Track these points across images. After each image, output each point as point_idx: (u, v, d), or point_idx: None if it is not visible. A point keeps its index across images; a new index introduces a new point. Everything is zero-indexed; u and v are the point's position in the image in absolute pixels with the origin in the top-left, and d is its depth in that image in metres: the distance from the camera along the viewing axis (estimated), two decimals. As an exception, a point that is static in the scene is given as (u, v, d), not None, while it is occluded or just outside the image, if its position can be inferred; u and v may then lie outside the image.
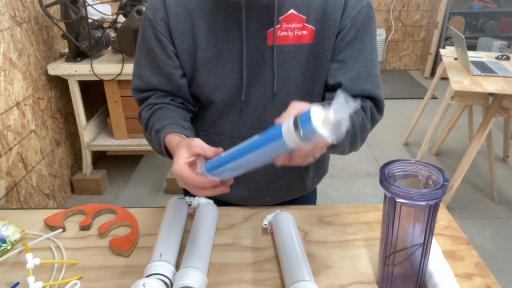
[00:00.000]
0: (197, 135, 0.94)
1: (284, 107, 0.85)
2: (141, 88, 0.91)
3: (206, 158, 0.67)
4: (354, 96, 0.83)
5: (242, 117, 0.88)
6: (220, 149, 0.66)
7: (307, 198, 1.08)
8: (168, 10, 0.83)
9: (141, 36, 0.88)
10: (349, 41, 0.83)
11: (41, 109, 2.18)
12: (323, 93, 0.88)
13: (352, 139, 0.81)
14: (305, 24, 0.82)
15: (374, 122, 0.87)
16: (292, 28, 0.82)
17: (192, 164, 0.67)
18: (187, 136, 0.78)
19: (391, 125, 3.42)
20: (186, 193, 1.09)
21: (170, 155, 0.79)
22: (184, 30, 0.84)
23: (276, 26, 0.81)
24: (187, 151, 0.67)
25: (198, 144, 0.67)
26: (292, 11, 0.81)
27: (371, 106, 0.85)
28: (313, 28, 0.82)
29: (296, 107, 0.62)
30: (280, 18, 0.81)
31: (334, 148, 0.80)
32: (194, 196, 0.93)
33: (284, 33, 0.82)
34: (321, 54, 0.84)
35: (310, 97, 0.87)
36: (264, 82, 0.85)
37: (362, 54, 0.83)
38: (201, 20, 0.83)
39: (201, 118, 0.94)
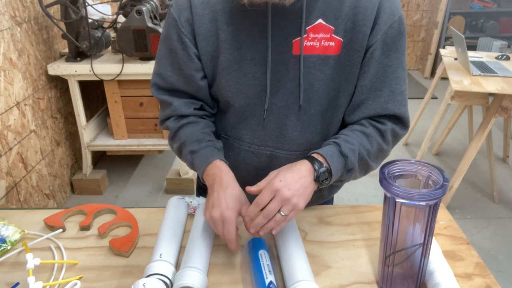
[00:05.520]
0: (217, 137, 0.94)
1: (305, 117, 0.85)
2: (161, 86, 0.90)
3: None
4: (376, 116, 0.83)
5: (262, 125, 0.87)
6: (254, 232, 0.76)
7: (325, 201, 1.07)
8: (193, 12, 0.81)
9: (165, 33, 0.86)
10: (377, 58, 0.80)
11: (41, 109, 2.18)
12: (347, 106, 0.87)
13: (362, 169, 0.83)
14: (333, 35, 0.79)
15: (396, 139, 0.86)
16: (319, 39, 0.79)
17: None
18: (225, 162, 0.83)
19: (391, 125, 3.41)
20: (200, 193, 1.08)
21: (201, 174, 0.85)
22: (208, 32, 0.82)
23: (303, 36, 0.79)
24: (240, 205, 0.76)
25: (250, 216, 0.75)
26: (320, 20, 0.78)
27: (393, 128, 0.83)
28: (341, 39, 0.79)
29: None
30: (307, 28, 0.78)
31: (344, 181, 0.84)
32: (194, 196, 0.94)
33: (311, 43, 0.79)
34: (347, 66, 0.81)
35: (333, 108, 0.85)
36: (287, 91, 0.83)
37: (387, 72, 0.81)
38: (226, 24, 0.81)
39: (221, 120, 0.93)
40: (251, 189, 0.74)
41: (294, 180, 0.72)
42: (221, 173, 0.79)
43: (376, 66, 0.80)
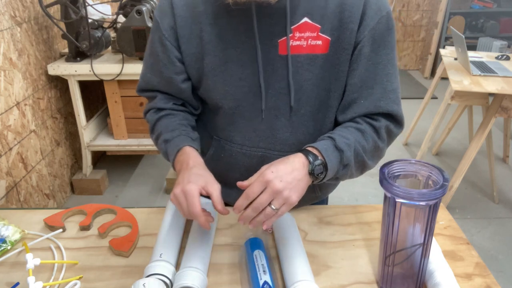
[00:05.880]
0: (209, 139, 0.94)
1: (296, 118, 0.84)
2: (144, 88, 0.92)
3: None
4: (369, 114, 0.82)
5: (252, 126, 0.86)
6: (228, 211, 0.72)
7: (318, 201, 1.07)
8: (175, 14, 0.81)
9: (150, 36, 0.88)
10: (366, 54, 0.78)
11: (41, 109, 2.18)
12: (338, 105, 0.85)
13: (359, 166, 0.81)
14: (320, 34, 0.78)
15: (391, 137, 0.84)
16: (306, 38, 0.78)
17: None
18: (196, 149, 0.82)
19: (391, 125, 3.41)
20: None
21: (172, 162, 0.83)
22: (191, 34, 0.82)
23: (289, 35, 0.78)
24: (204, 183, 0.72)
25: (217, 193, 0.72)
26: (305, 19, 0.77)
27: (387, 125, 0.82)
28: (328, 38, 0.78)
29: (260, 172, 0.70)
30: (292, 27, 0.77)
31: (340, 179, 0.81)
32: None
33: (297, 42, 0.78)
34: (336, 65, 0.80)
35: (325, 109, 0.85)
36: (275, 92, 0.82)
37: (377, 69, 0.79)
38: (210, 25, 0.80)
39: (211, 121, 0.93)
40: (243, 183, 0.71)
41: (286, 172, 0.69)
42: (188, 158, 0.78)
43: (365, 63, 0.79)
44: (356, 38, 0.78)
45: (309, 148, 0.75)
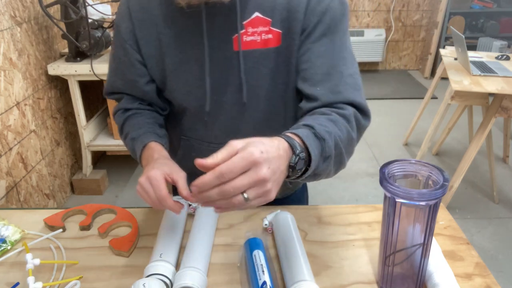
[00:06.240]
0: (177, 139, 0.95)
1: (257, 113, 0.85)
2: (110, 91, 0.93)
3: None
4: (329, 103, 0.77)
5: (216, 124, 0.88)
6: (193, 200, 0.64)
7: (297, 196, 1.07)
8: (133, 17, 0.82)
9: (112, 40, 0.90)
10: (316, 39, 0.77)
11: (41, 109, 2.18)
12: (298, 98, 0.83)
13: (337, 160, 0.72)
14: (271, 28, 0.78)
15: (360, 130, 0.79)
16: (259, 32, 0.78)
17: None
18: (162, 145, 0.82)
19: (391, 125, 3.42)
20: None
21: (139, 158, 0.83)
22: (150, 37, 0.83)
23: (241, 31, 0.78)
24: (169, 170, 0.70)
25: (183, 181, 0.70)
26: (257, 14, 0.77)
27: (355, 112, 0.76)
28: (279, 31, 0.78)
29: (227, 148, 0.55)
30: (244, 22, 0.77)
31: (318, 176, 0.71)
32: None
33: (251, 37, 0.78)
34: (290, 58, 0.80)
35: (285, 102, 0.84)
36: (234, 89, 0.83)
37: (332, 53, 0.77)
38: (166, 27, 0.81)
39: (179, 122, 0.94)
40: (206, 162, 0.53)
41: (275, 157, 0.55)
42: (153, 152, 0.78)
43: (317, 48, 0.78)
44: (302, 25, 0.77)
45: (290, 134, 0.64)
